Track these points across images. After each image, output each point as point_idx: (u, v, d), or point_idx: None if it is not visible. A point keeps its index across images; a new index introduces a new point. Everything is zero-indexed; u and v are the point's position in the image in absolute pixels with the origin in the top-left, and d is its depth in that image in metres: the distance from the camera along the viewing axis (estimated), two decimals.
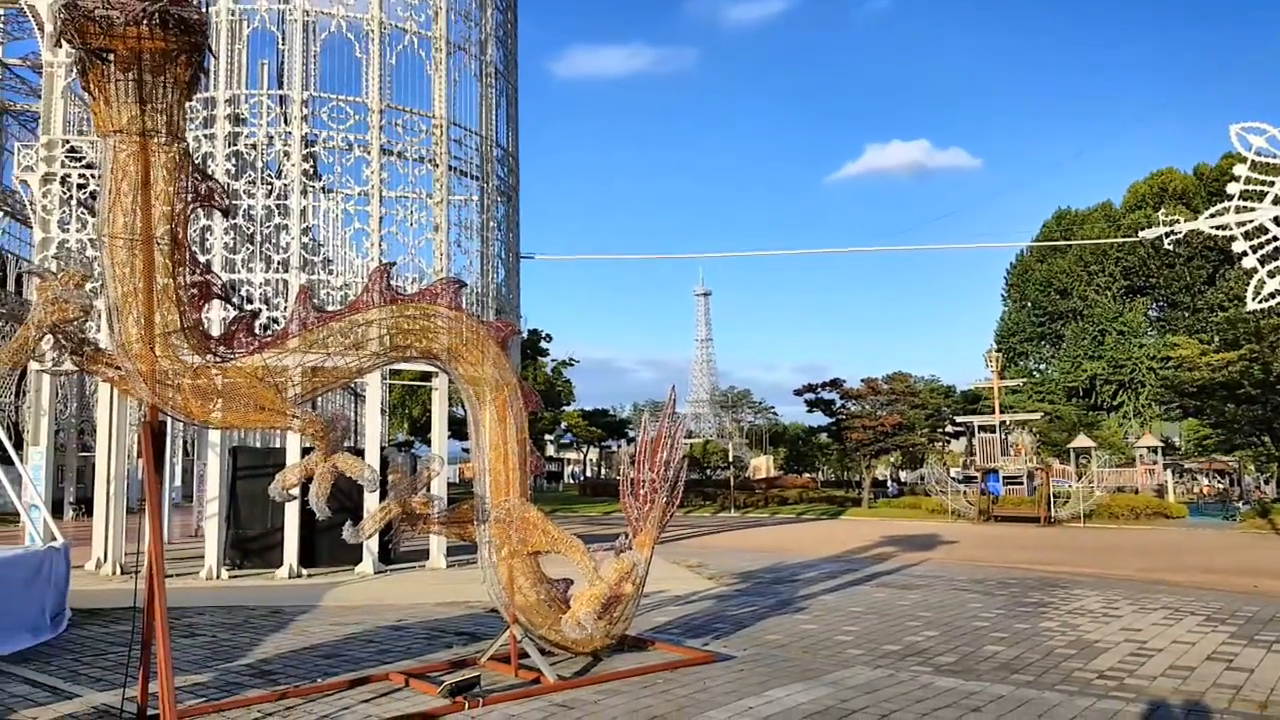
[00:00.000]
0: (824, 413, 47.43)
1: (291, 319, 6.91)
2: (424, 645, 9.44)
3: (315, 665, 8.54)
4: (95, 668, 8.49)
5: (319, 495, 6.68)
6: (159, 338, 6.11)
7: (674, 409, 8.83)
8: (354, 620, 10.91)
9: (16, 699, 7.33)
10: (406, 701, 7.15)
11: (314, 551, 15.49)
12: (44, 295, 6.06)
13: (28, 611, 9.81)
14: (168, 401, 6.27)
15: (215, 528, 15.32)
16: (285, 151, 15.65)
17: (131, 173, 5.93)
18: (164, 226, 6.03)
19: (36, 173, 17.35)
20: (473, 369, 7.67)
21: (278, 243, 15.64)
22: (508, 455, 7.70)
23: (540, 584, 7.76)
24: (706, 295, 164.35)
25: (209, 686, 7.74)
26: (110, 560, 15.74)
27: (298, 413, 6.62)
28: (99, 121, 5.91)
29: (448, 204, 16.61)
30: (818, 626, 10.44)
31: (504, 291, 18.20)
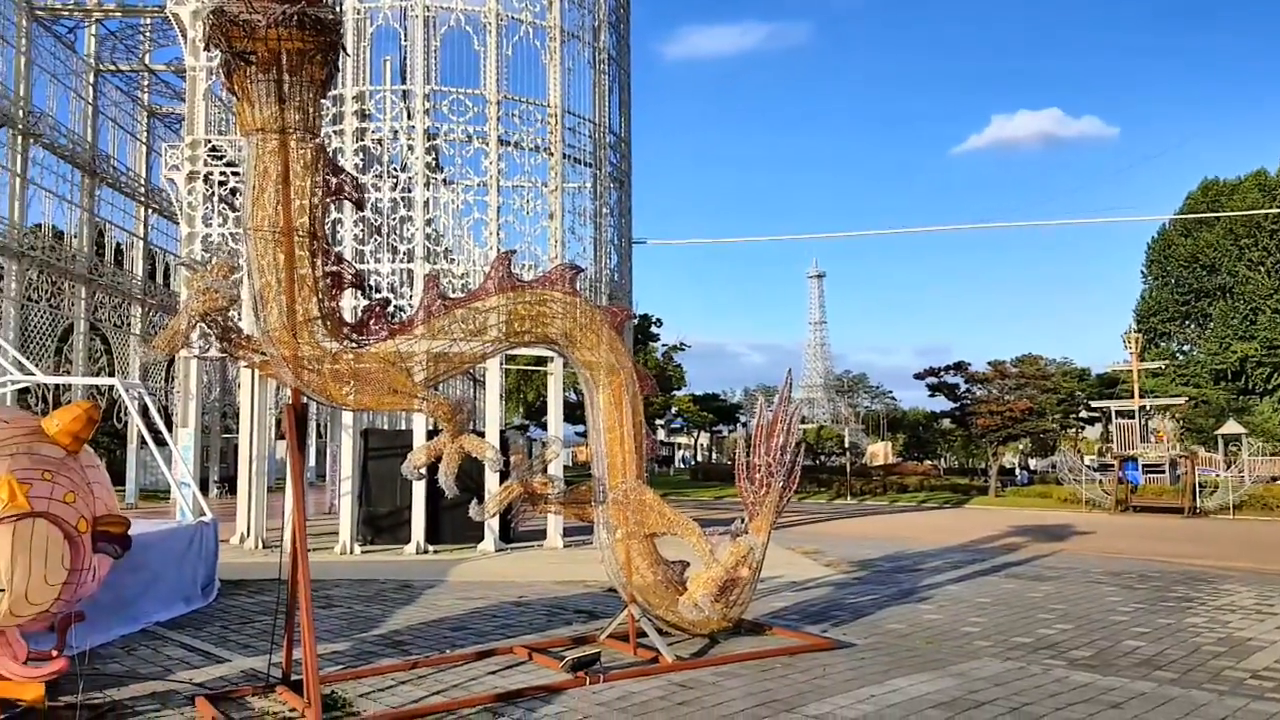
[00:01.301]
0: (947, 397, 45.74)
1: (420, 306, 7.17)
2: (544, 621, 9.69)
3: (443, 637, 8.90)
4: (242, 635, 9.09)
5: (447, 474, 6.93)
6: (300, 325, 6.46)
7: (790, 393, 8.74)
8: (478, 595, 11.30)
9: (174, 661, 7.94)
10: (530, 674, 7.37)
11: (439, 529, 16.10)
12: (195, 286, 6.48)
13: (182, 581, 10.56)
14: (309, 385, 6.62)
15: (349, 506, 16.11)
16: (409, 145, 16.23)
17: (272, 169, 6.27)
18: (302, 219, 6.36)
19: (182, 171, 18.56)
20: (589, 353, 7.78)
21: (403, 234, 16.25)
22: (624, 438, 7.79)
23: (657, 565, 7.84)
24: (820, 277, 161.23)
25: (346, 655, 8.17)
26: (253, 535, 16.76)
27: (427, 395, 6.88)
28: (242, 121, 6.27)
29: (562, 191, 16.88)
30: (942, 617, 10.17)
31: (616, 277, 18.37)
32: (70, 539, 5.56)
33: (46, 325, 27.85)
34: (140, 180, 33.88)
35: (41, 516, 5.38)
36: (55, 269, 28.42)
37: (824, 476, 44.47)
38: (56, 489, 5.49)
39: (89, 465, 5.95)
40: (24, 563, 5.32)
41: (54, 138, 28.52)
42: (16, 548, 5.28)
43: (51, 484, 5.47)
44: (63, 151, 29.11)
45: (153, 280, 34.56)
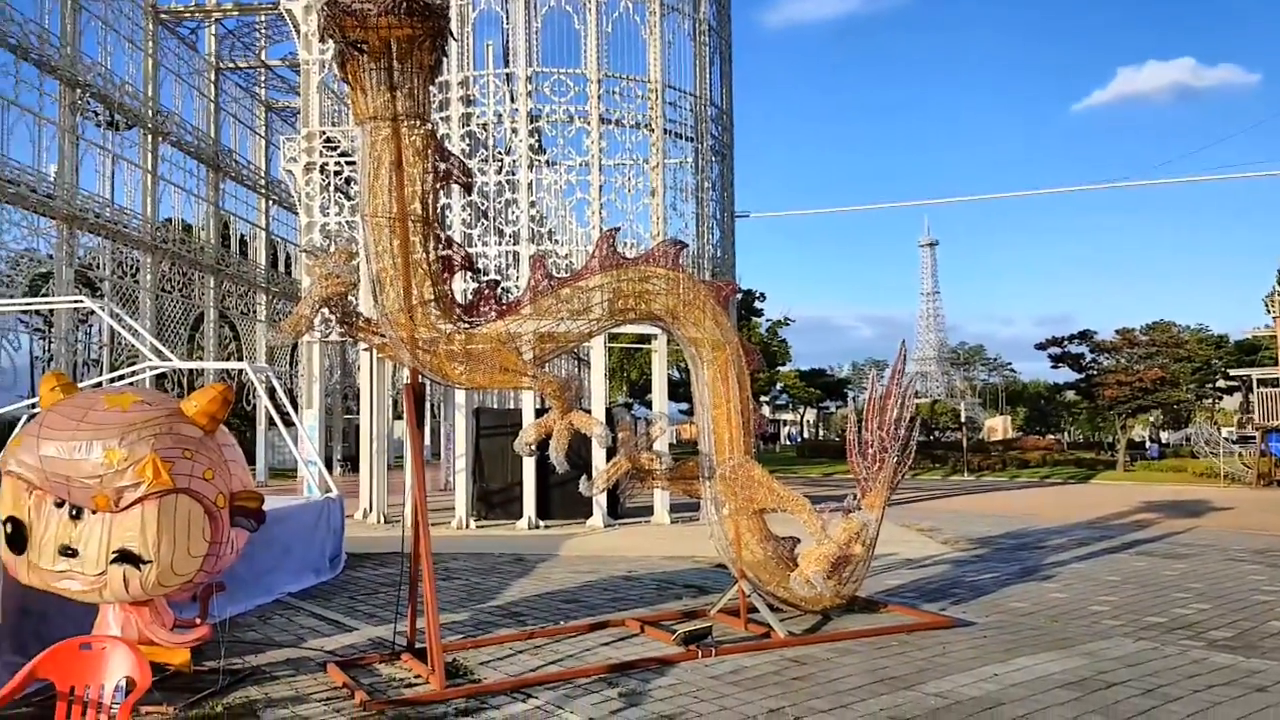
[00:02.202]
0: (1071, 368, 43.65)
1: (527, 287, 7.28)
2: (654, 595, 9.78)
3: (557, 609, 9.09)
4: (369, 605, 9.50)
5: (558, 450, 7.05)
6: (415, 307, 6.65)
7: (904, 365, 8.50)
8: (589, 569, 11.49)
9: (306, 630, 8.37)
10: (643, 647, 7.45)
11: (549, 505, 16.43)
12: (317, 272, 6.73)
13: (311, 554, 11.11)
14: (425, 365, 6.83)
15: (463, 482, 16.61)
16: (512, 128, 16.46)
17: (386, 156, 6.45)
18: (415, 204, 6.53)
19: (299, 163, 19.33)
20: (694, 329, 7.75)
21: (508, 217, 16.53)
22: (731, 413, 7.74)
23: (767, 541, 7.78)
24: (933, 245, 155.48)
25: (466, 624, 8.45)
26: (375, 510, 17.48)
27: (536, 373, 7.00)
28: (356, 109, 6.46)
29: (663, 168, 16.83)
30: (1068, 595, 9.77)
31: (719, 252, 18.23)
32: (210, 514, 5.90)
33: (179, 314, 29.63)
34: (260, 173, 35.52)
35: (183, 493, 5.72)
36: (185, 260, 30.15)
37: (939, 452, 43.22)
38: (196, 466, 5.82)
39: (225, 444, 6.29)
40: (169, 536, 5.67)
41: (180, 135, 30.16)
42: (162, 522, 5.64)
43: (192, 462, 5.80)
44: (189, 148, 30.77)
45: (275, 268, 36.28)
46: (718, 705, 5.94)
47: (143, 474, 5.52)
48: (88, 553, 5.60)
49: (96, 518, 5.57)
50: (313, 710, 5.99)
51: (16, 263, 23.82)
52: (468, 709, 5.97)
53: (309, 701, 6.17)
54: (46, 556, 5.66)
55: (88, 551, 5.60)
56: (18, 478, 5.66)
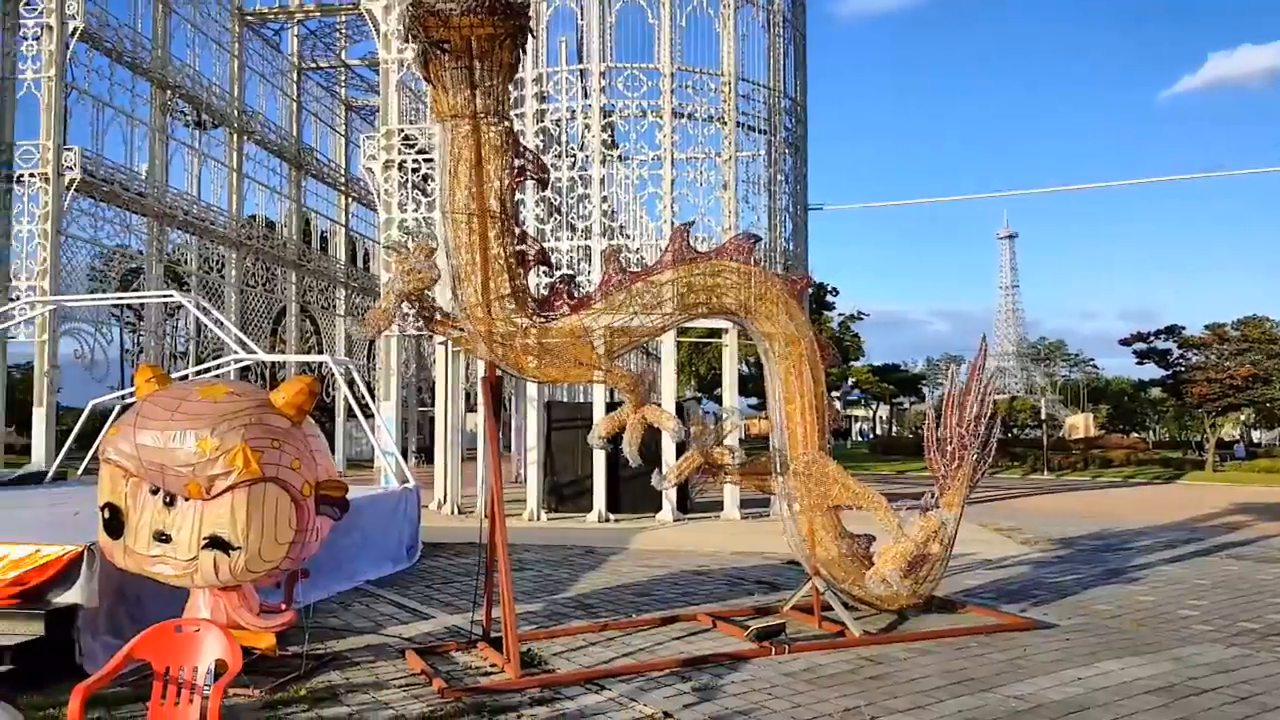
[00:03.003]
0: (1157, 364, 41.98)
1: (602, 281, 7.31)
2: (725, 590, 9.75)
3: (629, 602, 9.14)
4: (445, 594, 9.69)
5: (631, 444, 7.07)
6: (493, 301, 6.74)
7: (984, 360, 8.28)
8: (659, 563, 11.52)
9: (385, 616, 8.57)
10: (715, 641, 7.43)
11: (619, 499, 16.52)
12: (401, 267, 6.87)
13: (389, 543, 11.37)
14: (502, 358, 6.92)
15: (534, 475, 16.81)
16: (586, 124, 16.56)
17: (465, 153, 6.55)
18: (494, 200, 6.62)
19: (378, 160, 19.78)
20: (767, 323, 7.68)
21: (580, 212, 16.64)
22: (804, 408, 7.65)
23: (842, 538, 7.68)
24: (1011, 238, 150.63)
25: (539, 615, 8.55)
26: (449, 501, 17.82)
27: (610, 367, 7.04)
28: (438, 108, 6.57)
29: (736, 161, 16.73)
30: (1156, 598, 9.41)
31: (791, 245, 18.06)
32: (296, 502, 6.08)
33: (262, 308, 30.63)
34: (340, 170, 36.47)
35: (272, 481, 5.91)
36: (269, 256, 31.15)
37: (1018, 450, 41.98)
38: (284, 456, 6.00)
39: (310, 434, 6.47)
40: (257, 523, 5.86)
41: (264, 134, 31.14)
42: (251, 510, 5.83)
43: (280, 451, 5.98)
44: (272, 146, 31.76)
45: (354, 264, 37.23)
46: (792, 702, 5.90)
47: (233, 463, 5.71)
48: (180, 538, 5.82)
49: (189, 505, 5.79)
50: (392, 696, 6.13)
51: (109, 258, 24.93)
52: (542, 698, 6.04)
53: (388, 687, 6.32)
54: (142, 542, 5.90)
55: (180, 537, 5.82)
56: (115, 465, 5.91)
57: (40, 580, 6.35)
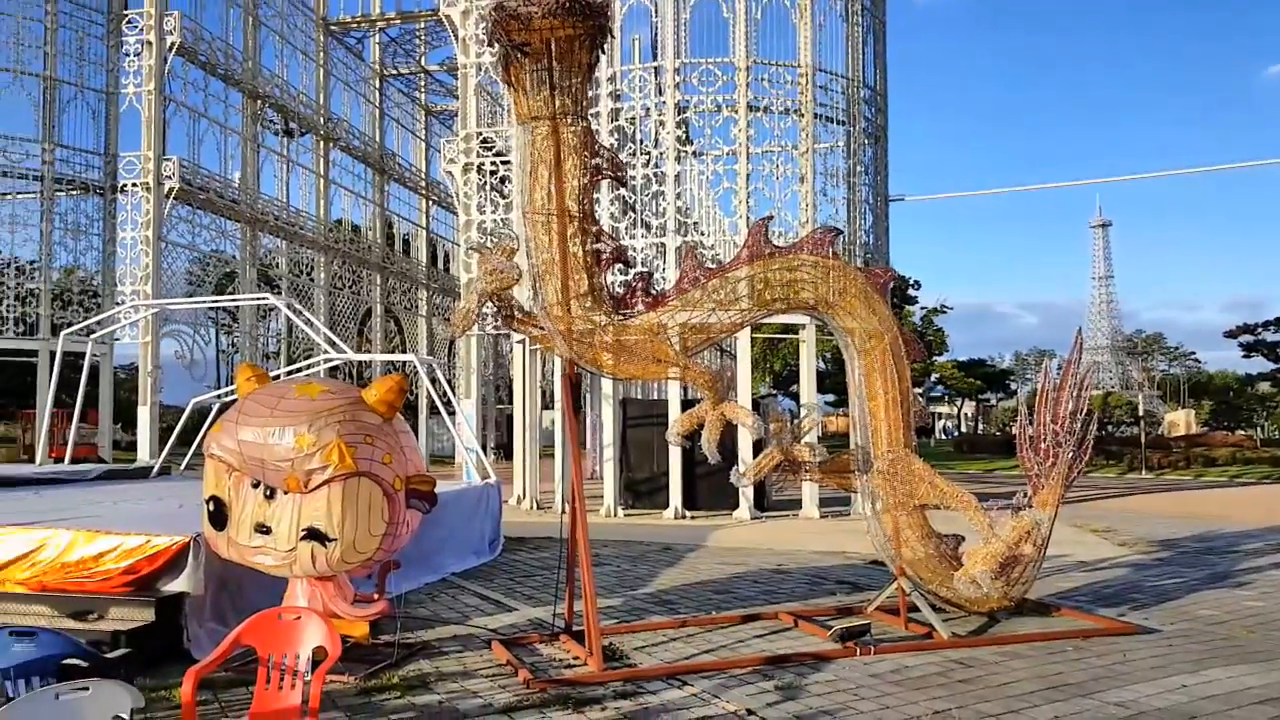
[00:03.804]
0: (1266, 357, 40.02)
1: (681, 277, 7.33)
2: (806, 590, 9.66)
3: (708, 599, 9.14)
4: (527, 587, 9.85)
5: (709, 441, 7.07)
6: (572, 300, 6.83)
7: (1080, 353, 8.01)
8: (737, 561, 11.48)
9: (470, 608, 8.76)
10: (797, 641, 7.38)
11: (694, 496, 16.51)
12: (483, 267, 7.01)
13: (472, 537, 11.62)
14: (581, 356, 7.00)
15: (610, 471, 16.93)
16: (660, 121, 16.59)
17: (545, 153, 6.64)
18: (573, 200, 6.70)
19: (458, 164, 20.19)
20: (849, 318, 7.58)
21: (655, 209, 16.68)
22: (888, 405, 7.53)
23: (929, 539, 7.53)
24: (1105, 227, 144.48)
25: (619, 610, 8.62)
26: (528, 497, 18.09)
27: (688, 364, 7.05)
28: (518, 110, 6.68)
29: (813, 153, 16.54)
30: (1267, 604, 8.96)
31: (872, 238, 17.78)
32: (388, 495, 6.27)
33: (349, 309, 31.59)
34: (421, 174, 37.35)
35: (365, 476, 6.10)
36: (354, 259, 32.09)
37: (1113, 448, 40.33)
38: (376, 451, 6.19)
39: (400, 430, 6.66)
40: (352, 516, 6.06)
41: (349, 140, 32.10)
42: (346, 503, 6.04)
43: (372, 447, 6.18)
44: (357, 152, 32.71)
45: (434, 266, 38.08)
46: (879, 704, 5.82)
47: (329, 458, 5.92)
48: (280, 530, 6.06)
49: (288, 498, 6.02)
50: (480, 685, 6.27)
51: (206, 263, 26.03)
52: (625, 692, 6.10)
53: (476, 677, 6.47)
54: (244, 533, 6.17)
55: (280, 529, 6.06)
56: (219, 460, 6.19)
57: (150, 569, 6.70)
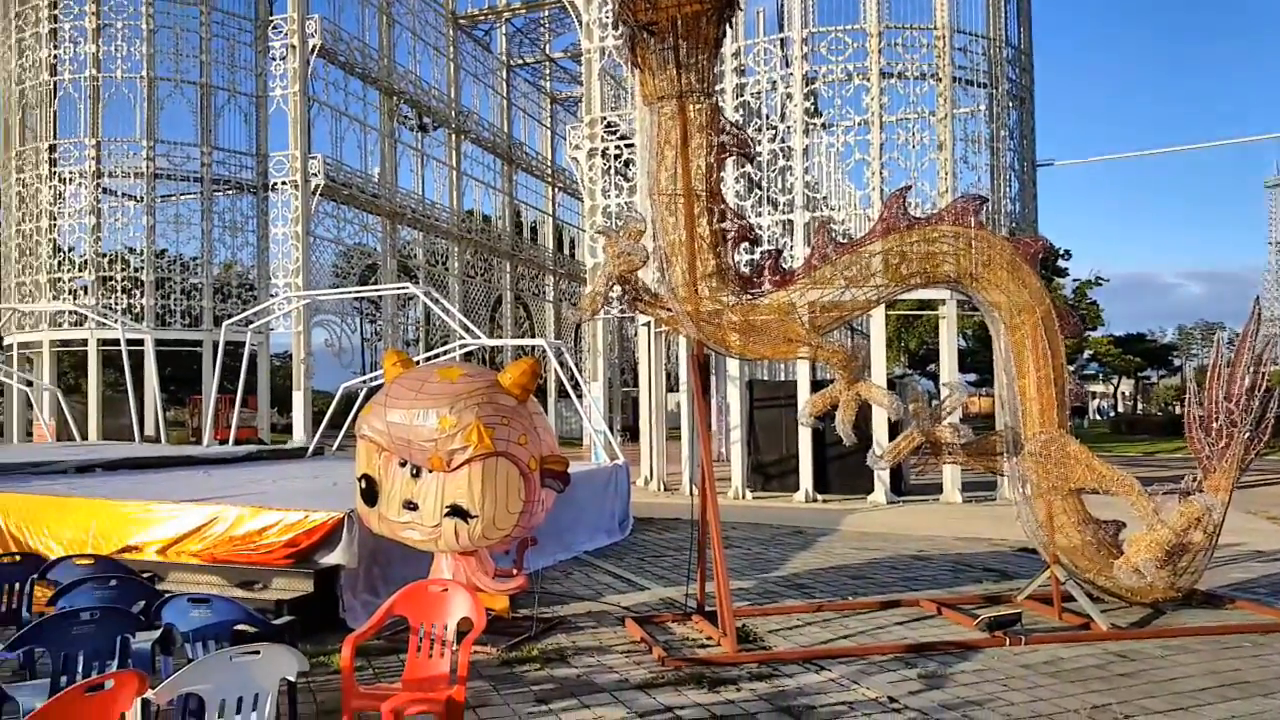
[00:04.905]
0: None
1: (811, 254, 7.14)
2: (949, 577, 9.31)
3: (843, 584, 8.94)
4: (657, 566, 9.91)
5: (844, 422, 6.88)
6: (700, 280, 6.77)
7: (1257, 326, 7.33)
8: (874, 546, 11.18)
9: (603, 586, 8.89)
10: (941, 629, 7.12)
11: (826, 478, 16.20)
12: (611, 250, 7.04)
13: (603, 516, 11.79)
14: (710, 337, 6.94)
15: (738, 454, 16.81)
16: (787, 94, 16.22)
17: (672, 133, 6.60)
18: (700, 179, 6.63)
19: (583, 149, 20.41)
20: (996, 292, 7.20)
21: (782, 185, 16.37)
22: (1040, 383, 7.11)
23: (1086, 525, 7.08)
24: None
25: (751, 592, 8.55)
26: (655, 478, 18.21)
27: (821, 343, 6.87)
28: (644, 90, 6.66)
29: (952, 119, 15.81)
30: None
31: (1018, 206, 16.88)
32: (524, 475, 6.42)
33: (481, 296, 32.58)
34: (547, 162, 38.04)
35: (502, 456, 6.27)
36: (485, 248, 33.04)
37: None
38: (512, 432, 6.35)
39: (534, 412, 6.80)
40: (491, 494, 6.25)
41: (479, 132, 33.01)
42: (485, 482, 6.22)
43: (509, 428, 6.34)
44: (486, 143, 33.61)
45: (561, 252, 38.78)
46: (1030, 695, 5.53)
47: (469, 439, 6.11)
48: (425, 507, 6.31)
49: (432, 476, 6.25)
50: (615, 661, 6.35)
51: (349, 255, 27.36)
52: (760, 674, 6.04)
53: (611, 653, 6.55)
54: (393, 509, 6.45)
55: (425, 506, 6.31)
56: (370, 441, 6.49)
57: (309, 543, 7.11)
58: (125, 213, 23.78)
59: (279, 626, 4.83)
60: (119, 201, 23.88)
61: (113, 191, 23.90)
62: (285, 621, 5.00)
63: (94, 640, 4.14)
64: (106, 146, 23.28)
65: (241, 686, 3.47)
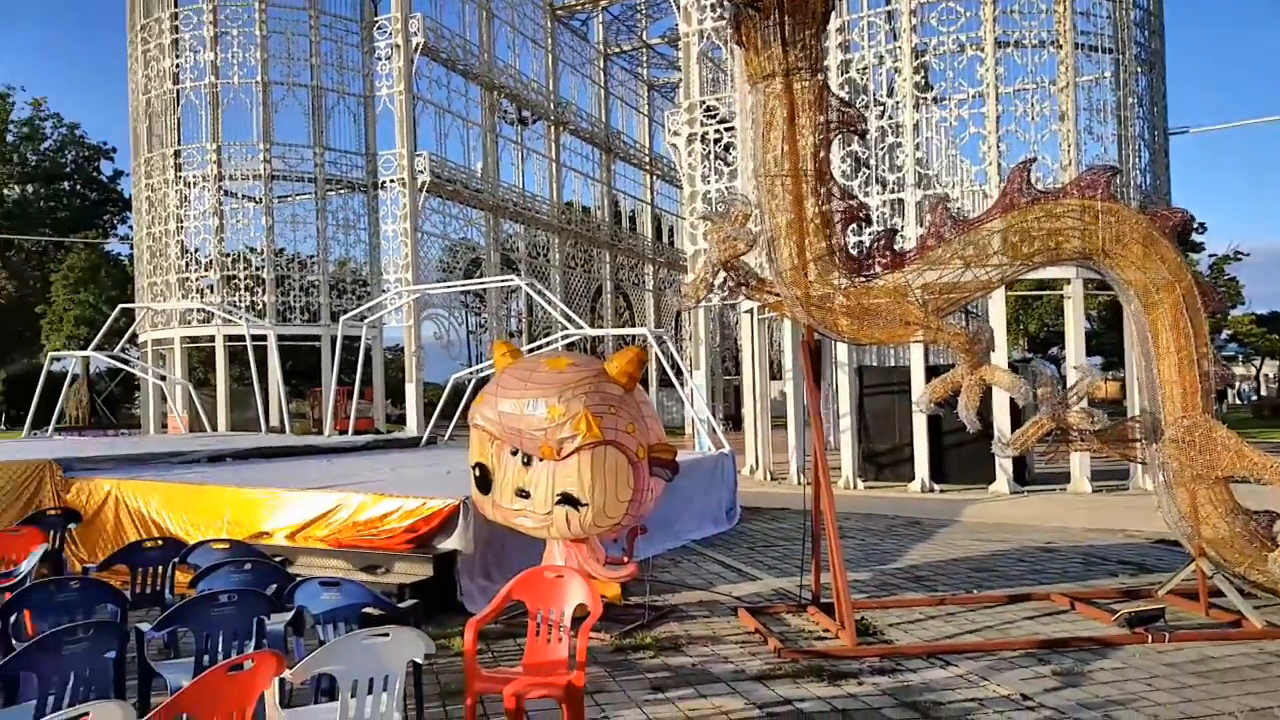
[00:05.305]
0: None
1: (927, 233, 6.84)
2: (1081, 570, 8.83)
3: (966, 577, 8.59)
4: (767, 556, 9.76)
5: (968, 408, 6.58)
6: (809, 263, 6.57)
7: None
8: (996, 538, 10.73)
9: (713, 575, 8.80)
10: (1075, 624, 6.75)
11: (942, 467, 15.65)
12: (716, 235, 6.91)
13: (709, 505, 11.69)
14: (820, 321, 6.73)
15: (848, 442, 16.42)
16: (895, 68, 15.66)
17: (779, 112, 6.41)
18: (808, 159, 6.42)
19: (681, 135, 20.27)
20: (1130, 268, 6.73)
21: (891, 163, 15.84)
22: (1182, 365, 6.62)
23: (1235, 515, 6.58)
24: None
25: (868, 584, 8.31)
26: (761, 467, 17.98)
27: (941, 326, 6.58)
28: (750, 70, 6.49)
29: (1074, 87, 14.95)
30: None
31: (1148, 177, 15.87)
32: (632, 463, 6.38)
33: (582, 287, 32.86)
34: (645, 150, 38.02)
35: (611, 444, 6.24)
36: (585, 239, 33.30)
37: None
38: (620, 421, 6.31)
39: (641, 401, 6.75)
40: (601, 483, 6.24)
41: (577, 123, 33.23)
42: (594, 470, 6.21)
43: (616, 417, 6.31)
44: (584, 134, 33.81)
45: (659, 240, 38.75)
46: (1178, 695, 5.17)
47: (578, 427, 6.11)
48: (537, 495, 6.35)
49: (543, 465, 6.28)
50: (730, 651, 6.26)
51: (454, 250, 28.01)
52: (882, 668, 5.85)
53: (725, 643, 6.47)
54: (506, 497, 6.51)
55: (537, 494, 6.35)
56: (482, 430, 6.56)
57: (427, 529, 7.27)
58: (245, 213, 24.92)
59: (404, 609, 4.93)
60: (239, 203, 25.05)
61: (233, 194, 25.08)
62: (410, 605, 5.11)
63: (233, 621, 4.32)
64: (226, 150, 24.43)
65: (372, 668, 3.54)
